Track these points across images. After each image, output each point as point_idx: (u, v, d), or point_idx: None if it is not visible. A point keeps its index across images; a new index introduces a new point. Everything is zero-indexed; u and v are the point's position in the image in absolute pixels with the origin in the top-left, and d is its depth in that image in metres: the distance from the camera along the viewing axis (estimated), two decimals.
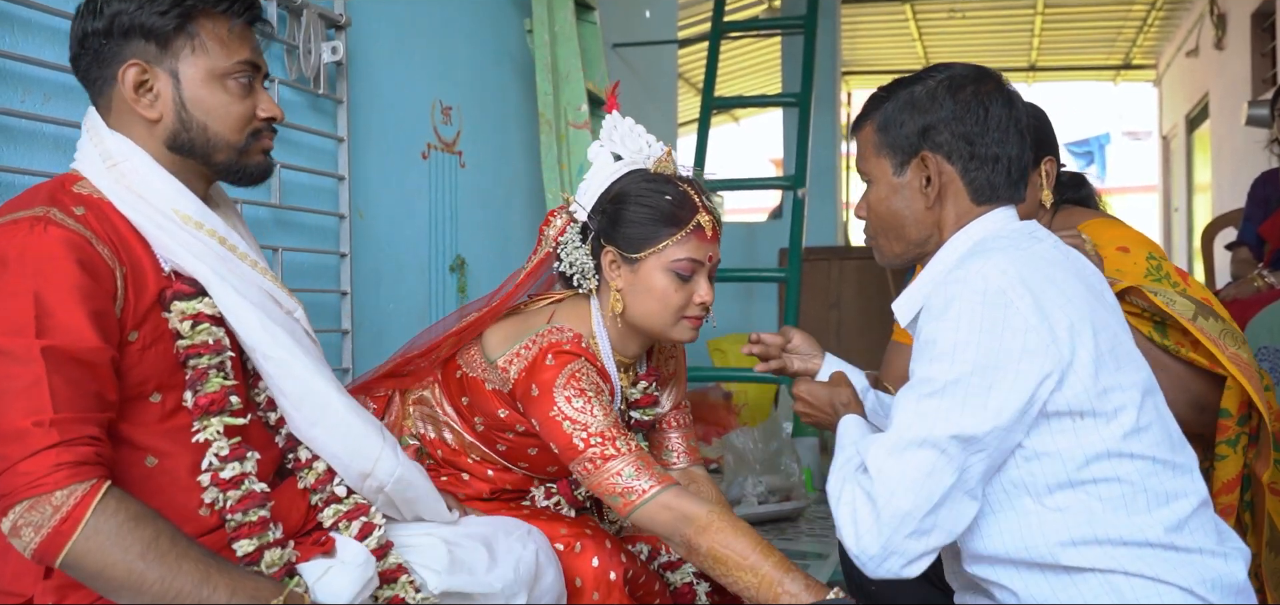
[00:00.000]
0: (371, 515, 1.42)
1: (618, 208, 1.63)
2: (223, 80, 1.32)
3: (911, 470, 1.18)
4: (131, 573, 1.10)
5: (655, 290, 1.60)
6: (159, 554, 1.11)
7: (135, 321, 1.23)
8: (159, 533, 1.12)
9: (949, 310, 1.21)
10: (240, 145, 1.34)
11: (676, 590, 1.81)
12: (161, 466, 1.26)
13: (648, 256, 1.60)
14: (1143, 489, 1.22)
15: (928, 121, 1.35)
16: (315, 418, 1.36)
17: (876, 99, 1.43)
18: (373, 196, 2.70)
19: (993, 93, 1.35)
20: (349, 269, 2.53)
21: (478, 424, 1.74)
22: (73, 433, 1.10)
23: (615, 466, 1.51)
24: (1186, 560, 1.21)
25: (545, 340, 1.63)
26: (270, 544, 1.29)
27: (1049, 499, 1.23)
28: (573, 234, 1.69)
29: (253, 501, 1.29)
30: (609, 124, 1.70)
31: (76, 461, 1.09)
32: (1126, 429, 1.22)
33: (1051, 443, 1.22)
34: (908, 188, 1.37)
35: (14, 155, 1.68)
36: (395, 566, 1.39)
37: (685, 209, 1.61)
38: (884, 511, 1.18)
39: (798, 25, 4.53)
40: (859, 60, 10.29)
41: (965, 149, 1.34)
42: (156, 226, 1.27)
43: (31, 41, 1.71)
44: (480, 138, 3.28)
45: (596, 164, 1.69)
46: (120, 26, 1.28)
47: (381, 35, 2.74)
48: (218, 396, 1.29)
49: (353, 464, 1.40)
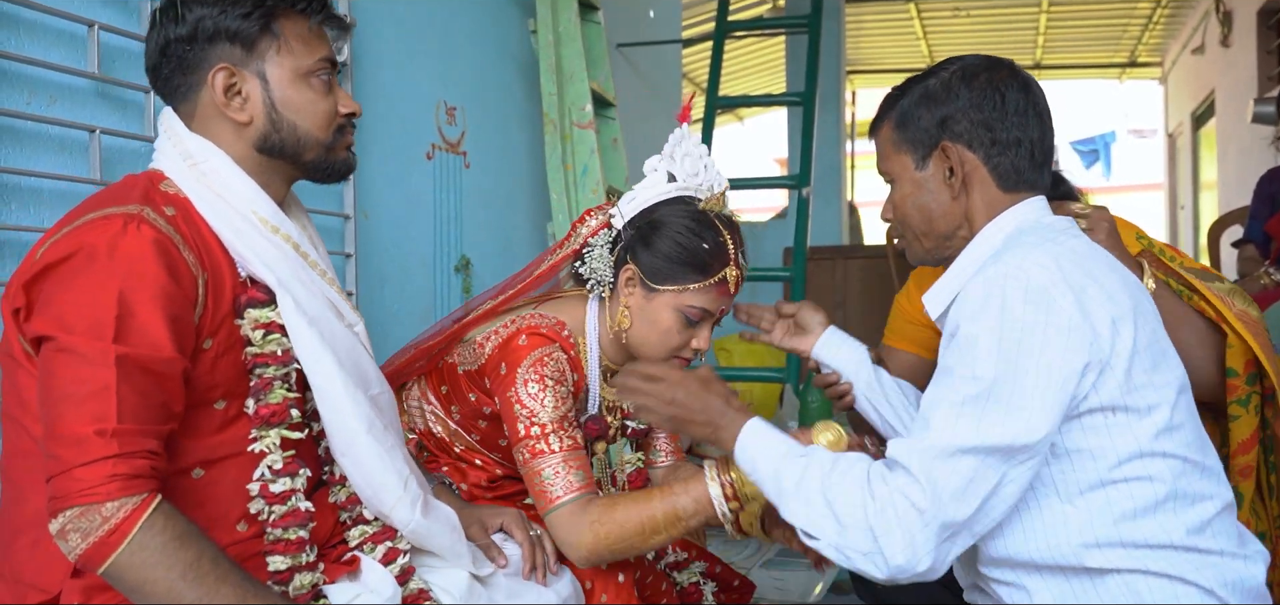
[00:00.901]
0: (396, 540, 1.41)
1: (653, 233, 1.59)
2: (307, 78, 1.32)
3: (959, 478, 1.14)
4: (171, 591, 1.10)
5: (660, 325, 1.60)
6: (199, 576, 1.11)
7: (212, 329, 1.23)
8: (201, 554, 1.12)
9: (989, 307, 1.18)
10: (328, 142, 1.35)
11: (684, 590, 1.81)
12: (207, 478, 1.26)
13: (666, 292, 1.59)
14: (1172, 489, 1.21)
15: (945, 112, 1.34)
16: (344, 448, 1.36)
17: (891, 98, 1.42)
18: (378, 197, 2.70)
19: (1007, 79, 1.34)
20: (354, 270, 2.53)
21: (454, 412, 1.75)
22: (131, 446, 1.10)
23: (540, 465, 1.52)
24: (1208, 562, 1.20)
25: (525, 322, 1.64)
26: (302, 566, 1.29)
27: (1080, 500, 1.21)
28: (604, 238, 1.66)
29: (296, 520, 1.29)
30: (675, 139, 1.66)
31: (130, 474, 1.09)
32: (1160, 426, 1.20)
33: (1084, 441, 1.20)
34: (932, 180, 1.36)
35: (19, 157, 1.68)
36: (418, 592, 1.40)
37: (718, 261, 1.58)
38: (934, 521, 1.14)
39: (802, 24, 4.52)
40: (863, 59, 10.28)
41: (986, 135, 1.33)
42: (234, 230, 1.28)
43: (37, 44, 1.72)
44: (485, 138, 3.28)
45: (649, 179, 1.65)
46: (205, 32, 1.28)
47: (386, 36, 2.74)
48: (279, 408, 1.29)
49: (371, 502, 1.40)
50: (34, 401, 1.16)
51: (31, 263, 1.16)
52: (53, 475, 1.09)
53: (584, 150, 3.32)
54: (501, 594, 1.47)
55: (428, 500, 1.42)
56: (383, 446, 1.37)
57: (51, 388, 1.11)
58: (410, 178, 2.86)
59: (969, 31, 9.36)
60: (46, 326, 1.13)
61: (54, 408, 1.10)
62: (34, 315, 1.15)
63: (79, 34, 1.79)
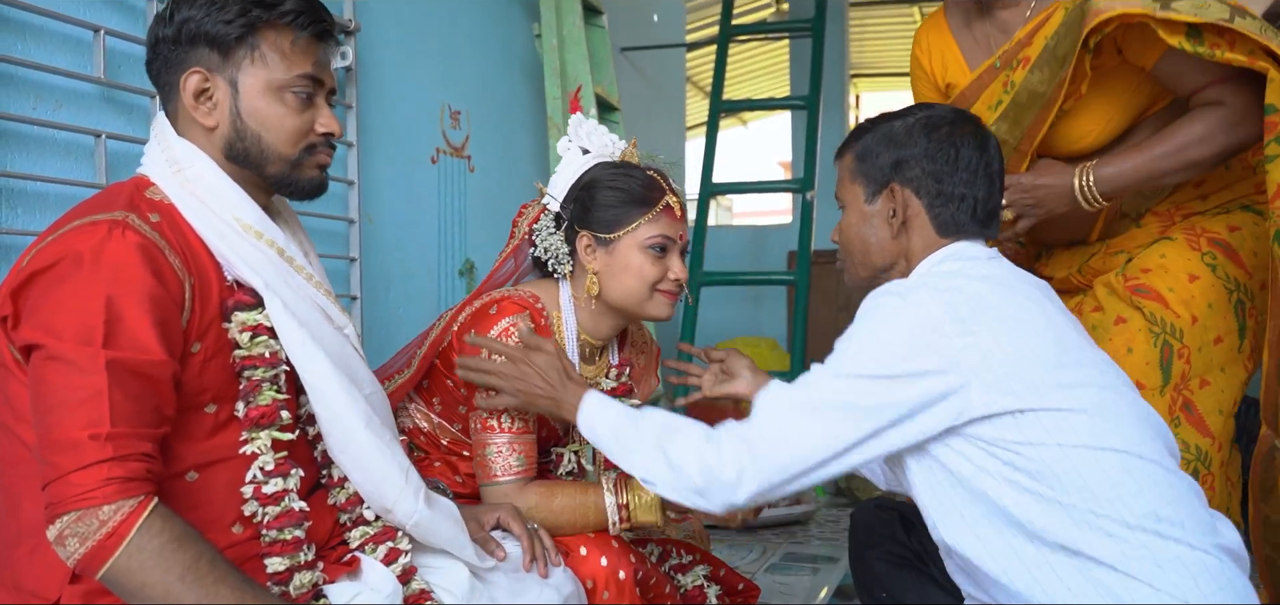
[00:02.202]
0: (398, 540, 1.41)
1: (589, 194, 1.71)
2: (281, 92, 1.31)
3: (787, 428, 1.31)
4: (169, 593, 1.10)
5: (632, 267, 1.67)
6: (197, 577, 1.11)
7: (199, 332, 1.23)
8: (200, 556, 1.12)
9: (864, 307, 1.34)
10: (293, 158, 1.34)
11: (687, 593, 1.81)
12: (201, 481, 1.26)
13: (622, 236, 1.68)
14: (1109, 483, 1.22)
15: (901, 156, 1.45)
16: (341, 446, 1.36)
17: (859, 131, 1.52)
18: (382, 201, 2.70)
19: (967, 136, 1.44)
20: (358, 274, 2.54)
21: (436, 403, 1.79)
22: (127, 448, 1.10)
23: (488, 438, 1.64)
24: (1164, 554, 1.20)
25: (498, 294, 1.72)
26: (301, 566, 1.29)
27: (1013, 504, 1.25)
28: (546, 222, 1.75)
29: (290, 520, 1.29)
30: (575, 123, 1.79)
31: (127, 477, 1.09)
32: (1080, 426, 1.24)
33: (994, 434, 1.25)
34: (876, 216, 1.48)
35: (25, 162, 1.69)
36: (419, 592, 1.39)
37: (654, 191, 1.70)
38: (762, 459, 1.31)
39: (806, 28, 4.53)
40: (867, 63, 10.28)
41: (933, 185, 1.43)
42: (219, 235, 1.28)
43: (43, 49, 1.72)
44: (489, 142, 3.29)
45: (566, 158, 1.78)
46: (187, 33, 1.29)
47: (390, 41, 2.75)
48: (269, 410, 1.29)
49: (373, 498, 1.40)
50: (26, 409, 1.16)
51: (17, 271, 1.17)
52: (49, 481, 1.09)
53: None
54: (503, 593, 1.47)
55: (428, 493, 1.43)
56: (382, 440, 1.37)
57: (43, 395, 1.11)
58: (414, 181, 2.86)
59: None
60: (35, 334, 1.13)
61: (47, 415, 1.10)
62: (21, 323, 1.15)
63: (85, 39, 1.80)
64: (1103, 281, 1.92)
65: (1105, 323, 1.87)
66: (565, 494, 1.64)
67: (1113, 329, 1.84)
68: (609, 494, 1.63)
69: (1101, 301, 1.90)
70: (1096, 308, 1.91)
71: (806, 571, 2.96)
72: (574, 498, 1.63)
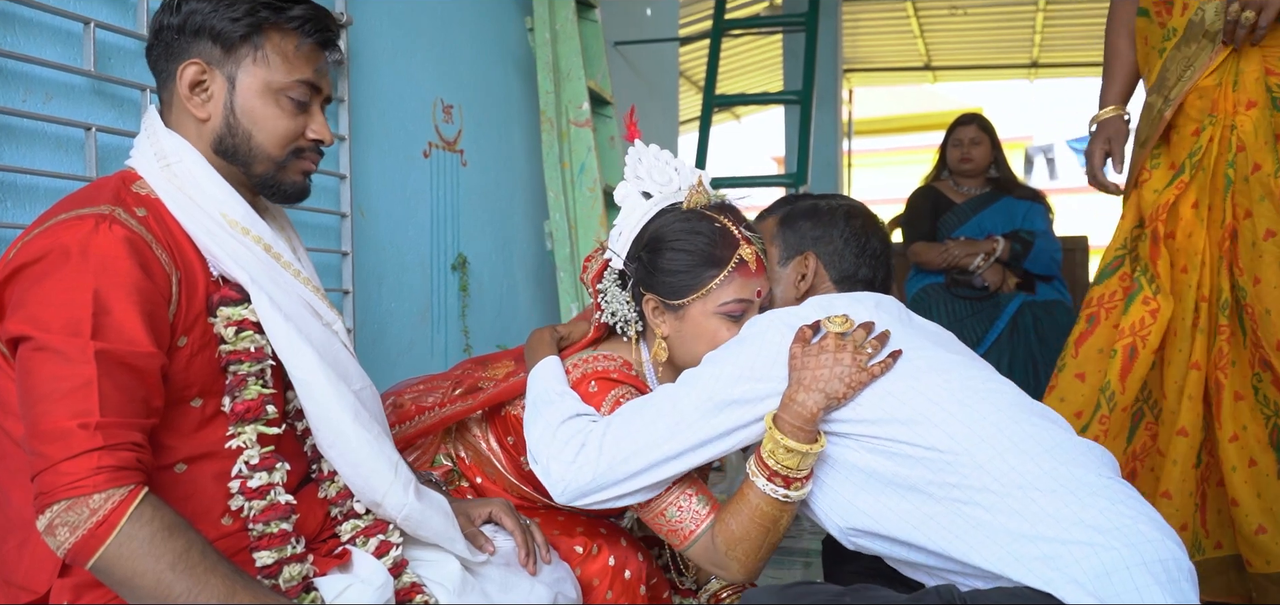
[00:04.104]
0: (388, 533, 1.41)
1: (654, 255, 1.53)
2: (277, 95, 1.32)
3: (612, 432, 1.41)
4: (160, 583, 1.10)
5: (705, 334, 1.50)
6: (188, 566, 1.11)
7: (186, 326, 1.24)
8: (190, 545, 1.12)
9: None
10: (280, 160, 1.34)
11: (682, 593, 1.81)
12: (189, 474, 1.26)
13: (692, 302, 1.50)
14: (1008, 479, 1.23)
15: (820, 233, 1.61)
16: (330, 441, 1.36)
17: (787, 201, 1.67)
18: (374, 195, 2.70)
19: (874, 229, 1.63)
20: (350, 268, 2.53)
21: (524, 463, 1.64)
22: (117, 438, 1.10)
23: (661, 506, 1.44)
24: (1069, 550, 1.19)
25: (589, 366, 1.57)
26: (289, 558, 1.29)
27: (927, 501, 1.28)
28: (610, 280, 1.60)
29: (277, 513, 1.29)
30: (633, 157, 1.60)
31: (117, 466, 1.09)
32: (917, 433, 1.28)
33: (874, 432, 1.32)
34: (786, 277, 1.61)
35: (15, 155, 1.68)
36: (410, 586, 1.39)
37: (725, 247, 1.50)
38: (604, 456, 1.40)
39: (799, 22, 4.53)
40: (860, 57, 10.28)
41: (840, 263, 1.60)
42: (205, 231, 1.28)
43: (34, 41, 1.72)
44: (482, 136, 3.28)
45: (625, 207, 1.59)
46: (193, 25, 1.29)
47: (383, 34, 2.74)
48: (254, 405, 1.29)
49: (363, 492, 1.40)
50: (13, 403, 1.16)
51: (3, 264, 1.17)
52: (38, 471, 1.09)
53: (581, 149, 3.32)
54: (494, 586, 1.47)
55: (418, 486, 1.43)
56: (371, 434, 1.37)
57: (31, 387, 1.11)
58: (407, 176, 2.86)
59: (966, 30, 9.36)
60: (22, 326, 1.13)
61: (36, 406, 1.10)
62: (8, 316, 1.15)
63: (75, 31, 1.79)
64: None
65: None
66: (734, 515, 1.39)
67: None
68: (759, 479, 1.35)
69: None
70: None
71: (798, 565, 2.97)
72: (742, 511, 1.38)
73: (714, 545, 1.40)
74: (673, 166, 1.60)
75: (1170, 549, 1.17)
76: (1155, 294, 2.09)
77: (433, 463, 1.75)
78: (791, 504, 1.35)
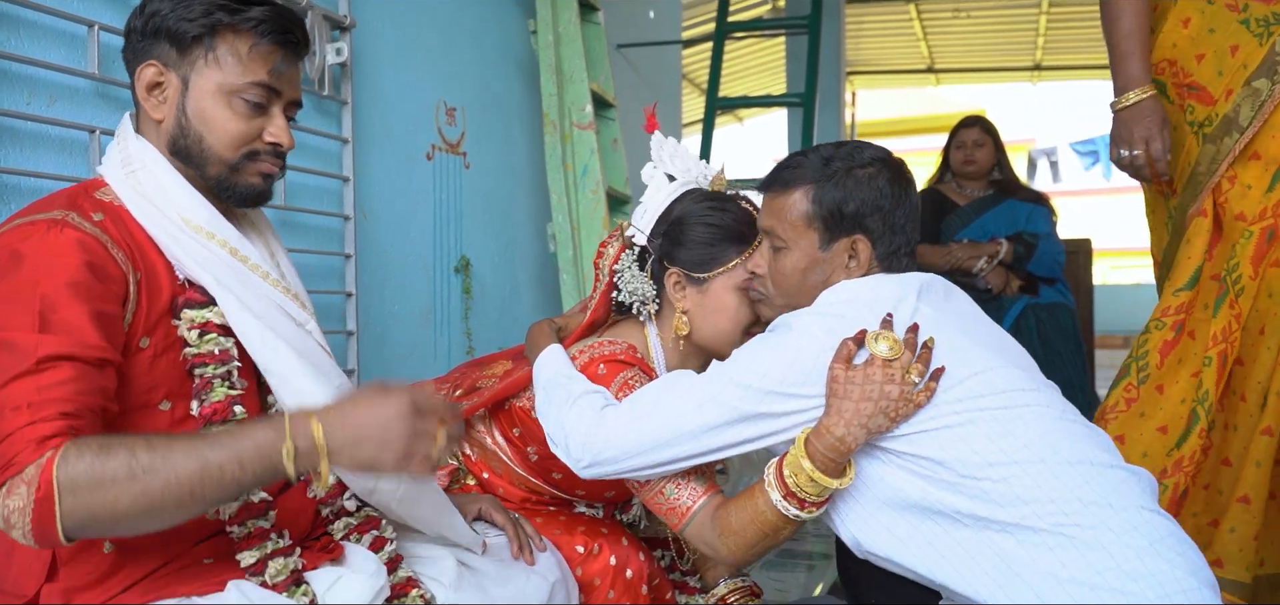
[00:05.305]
0: (383, 528, 1.41)
1: (680, 229, 1.61)
2: (230, 97, 1.31)
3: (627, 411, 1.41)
4: (135, 493, 1.06)
5: (726, 309, 1.59)
6: (149, 460, 1.07)
7: (148, 328, 1.23)
8: (133, 445, 1.08)
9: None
10: (232, 163, 1.33)
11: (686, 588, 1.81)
12: None
13: (717, 276, 1.59)
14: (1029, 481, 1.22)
15: (860, 200, 1.42)
16: None
17: (794, 163, 1.48)
18: (377, 198, 2.70)
19: (907, 175, 1.46)
20: (354, 270, 2.53)
21: (531, 454, 1.71)
22: (44, 412, 1.08)
23: (660, 485, 1.47)
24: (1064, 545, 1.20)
25: (595, 351, 1.60)
26: (272, 553, 1.28)
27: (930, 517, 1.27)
28: (629, 261, 1.66)
29: (251, 513, 1.29)
30: (657, 145, 1.67)
31: (42, 437, 1.07)
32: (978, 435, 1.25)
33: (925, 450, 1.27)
34: (832, 260, 1.44)
35: (19, 157, 1.68)
36: (405, 580, 1.39)
37: (750, 226, 1.59)
38: (629, 431, 1.38)
39: (802, 25, 4.53)
40: (863, 60, 10.29)
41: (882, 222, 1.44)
42: (168, 235, 1.28)
43: (37, 44, 1.72)
44: (485, 139, 3.29)
45: (652, 186, 1.67)
46: (153, 27, 1.30)
47: (386, 37, 2.74)
48: (221, 406, 1.28)
49: (353, 482, 1.39)
50: None
51: None
52: None
53: (584, 151, 3.32)
54: (490, 580, 1.47)
55: None
56: None
57: None
58: (410, 178, 2.86)
59: (969, 33, 9.37)
60: None
61: None
62: None
63: (79, 34, 1.79)
64: None
65: None
66: (738, 511, 1.40)
67: None
68: (773, 492, 1.35)
69: None
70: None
71: (801, 569, 2.97)
72: (747, 510, 1.39)
73: (711, 529, 1.41)
74: (695, 160, 1.69)
75: (1203, 596, 1.15)
76: (1238, 296, 2.03)
77: None
78: (800, 521, 1.35)
